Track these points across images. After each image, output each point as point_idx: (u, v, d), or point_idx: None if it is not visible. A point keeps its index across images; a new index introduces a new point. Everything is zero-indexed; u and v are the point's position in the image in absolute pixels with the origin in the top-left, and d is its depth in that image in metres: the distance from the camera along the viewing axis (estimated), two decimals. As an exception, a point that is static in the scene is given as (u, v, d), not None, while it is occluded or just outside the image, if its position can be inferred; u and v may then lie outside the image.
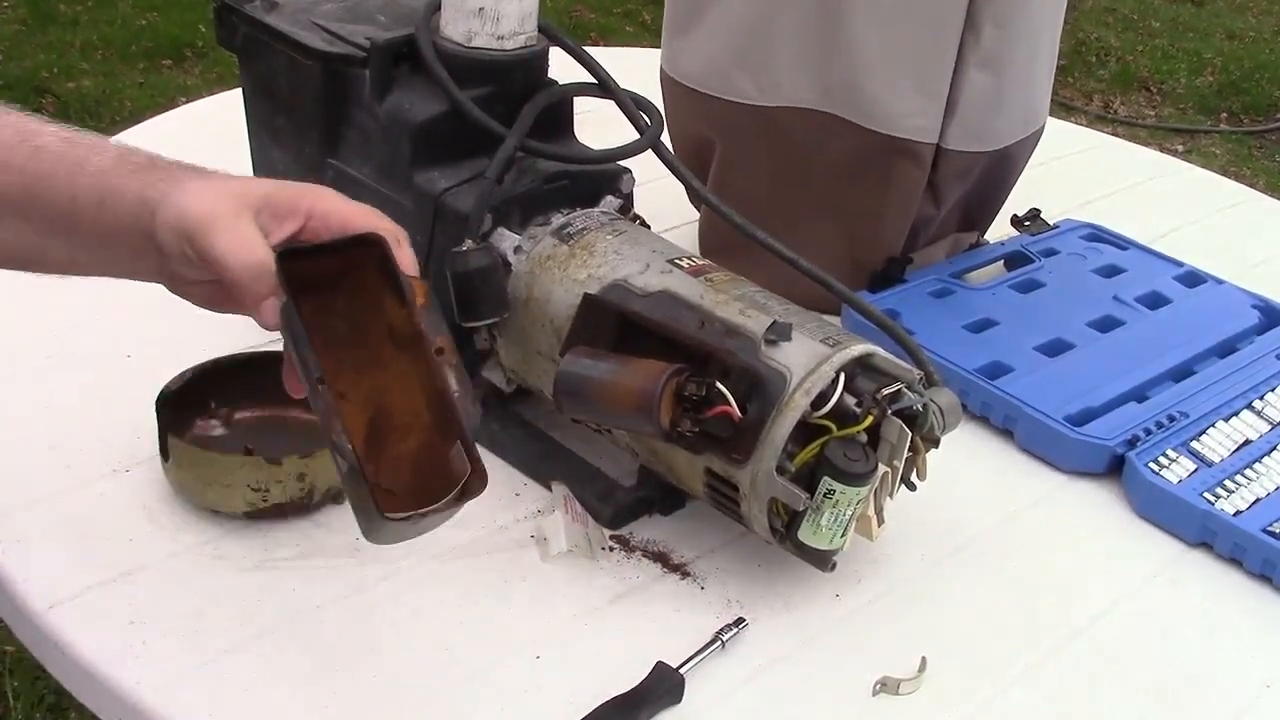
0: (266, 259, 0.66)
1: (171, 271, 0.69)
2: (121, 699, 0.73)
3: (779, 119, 1.12)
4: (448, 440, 0.68)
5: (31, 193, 0.68)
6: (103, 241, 0.69)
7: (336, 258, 0.69)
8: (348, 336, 0.71)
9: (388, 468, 0.69)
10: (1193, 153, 3.78)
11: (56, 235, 0.69)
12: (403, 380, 0.70)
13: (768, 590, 0.85)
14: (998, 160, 1.17)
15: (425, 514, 0.66)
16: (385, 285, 0.69)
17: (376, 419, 0.70)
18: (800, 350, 0.79)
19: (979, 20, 1.08)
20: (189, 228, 0.65)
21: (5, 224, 0.69)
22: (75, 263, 0.72)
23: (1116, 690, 0.81)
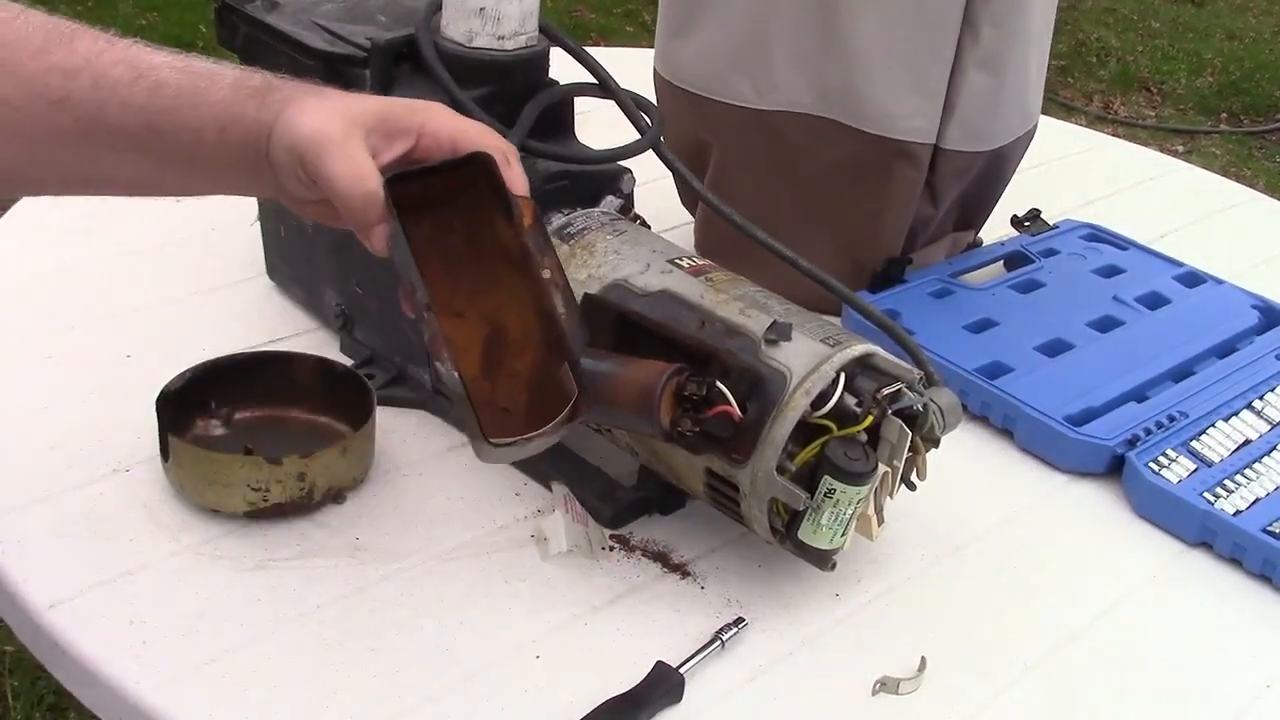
0: (375, 188, 0.66)
1: (287, 191, 0.70)
2: (121, 699, 0.73)
3: (776, 122, 1.12)
4: (556, 355, 0.70)
5: (153, 128, 0.67)
6: (222, 168, 0.69)
7: (451, 176, 0.69)
8: (466, 253, 0.71)
9: (504, 384, 0.70)
10: (1193, 153, 3.78)
11: (176, 165, 0.70)
12: (516, 298, 0.71)
13: (768, 590, 0.85)
14: (994, 159, 1.17)
15: (530, 438, 0.67)
16: (497, 203, 0.70)
17: (493, 336, 0.71)
18: (800, 350, 0.79)
19: (977, 21, 1.08)
20: (301, 150, 0.66)
21: (125, 158, 0.69)
22: (192, 188, 0.73)
23: (1116, 690, 0.81)
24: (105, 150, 0.68)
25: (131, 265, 1.15)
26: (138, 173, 0.70)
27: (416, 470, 0.93)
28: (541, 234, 0.70)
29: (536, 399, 0.70)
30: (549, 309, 0.69)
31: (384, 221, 0.66)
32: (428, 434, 0.96)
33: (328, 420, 0.94)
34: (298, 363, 0.95)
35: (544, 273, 0.69)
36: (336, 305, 1.03)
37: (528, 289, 0.70)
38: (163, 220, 1.22)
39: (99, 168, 0.70)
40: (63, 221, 1.22)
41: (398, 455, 0.94)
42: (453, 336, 0.68)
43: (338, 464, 0.87)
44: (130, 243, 1.18)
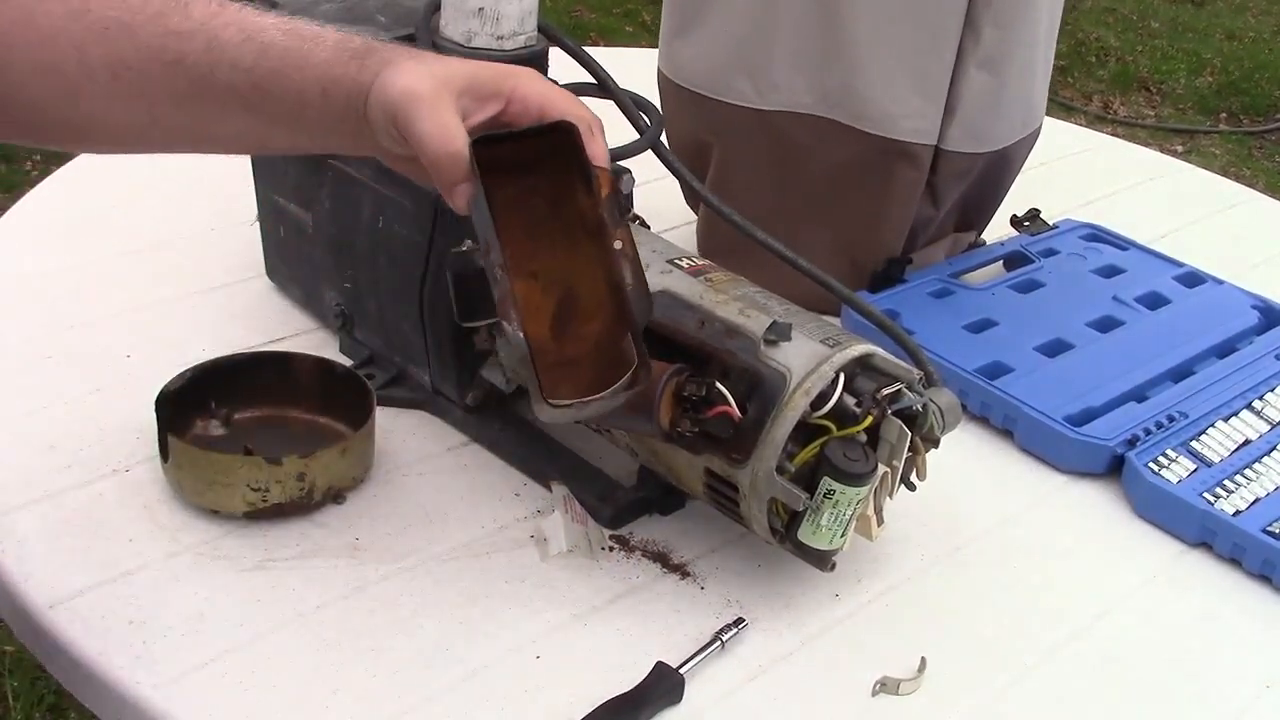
0: (461, 148, 0.68)
1: (385, 148, 0.72)
2: (121, 699, 0.73)
3: (777, 122, 1.12)
4: (622, 330, 0.72)
5: (260, 88, 0.70)
6: (325, 127, 0.72)
7: (539, 142, 0.71)
8: (547, 218, 0.73)
9: (571, 347, 0.73)
10: (1193, 153, 3.78)
11: (282, 124, 0.72)
12: (590, 265, 0.73)
13: (768, 590, 0.85)
14: (996, 161, 1.17)
15: (587, 402, 0.70)
16: (578, 172, 0.71)
17: (565, 300, 0.73)
18: (800, 350, 0.79)
19: (979, 21, 1.08)
20: (393, 109, 0.68)
21: (234, 117, 0.71)
22: (298, 145, 0.75)
23: (1116, 690, 0.81)
24: (215, 109, 0.71)
25: (131, 265, 1.15)
26: (246, 131, 0.72)
27: (416, 470, 0.93)
28: (617, 206, 0.72)
29: (600, 365, 0.72)
30: (617, 280, 0.71)
31: (467, 181, 0.69)
32: (428, 434, 0.96)
33: (328, 420, 0.94)
34: (298, 363, 0.95)
35: (615, 244, 0.71)
36: (336, 305, 1.03)
37: (600, 258, 0.72)
38: (163, 220, 1.22)
39: (209, 126, 0.72)
40: (63, 221, 1.22)
41: (398, 455, 0.94)
42: (525, 297, 0.71)
43: (338, 464, 0.87)
44: (130, 243, 1.18)
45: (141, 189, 1.28)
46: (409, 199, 0.93)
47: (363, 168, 0.96)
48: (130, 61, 0.69)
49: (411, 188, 0.92)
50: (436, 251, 0.91)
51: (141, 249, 1.17)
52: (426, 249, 0.92)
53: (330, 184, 0.99)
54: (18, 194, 1.29)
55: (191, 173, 1.29)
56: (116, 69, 0.69)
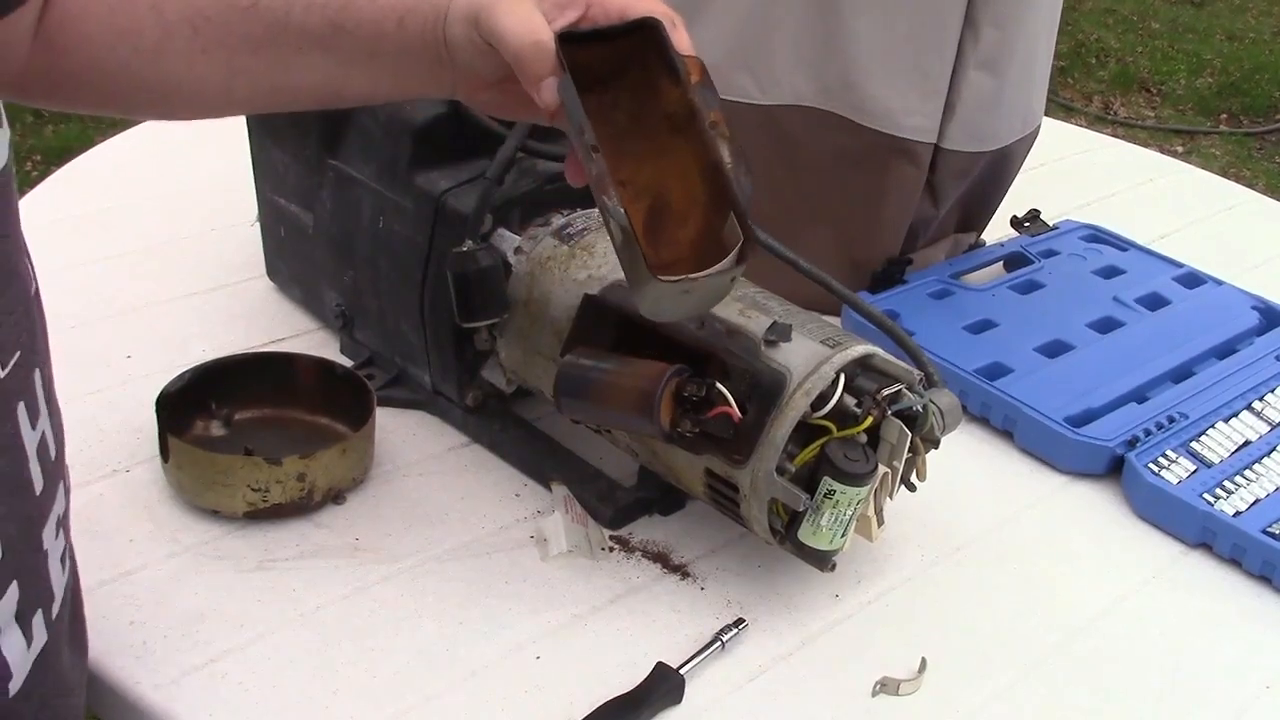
0: (547, 37, 0.67)
1: (464, 77, 0.71)
2: (121, 699, 0.73)
3: (778, 118, 1.12)
4: (721, 214, 0.69)
5: (335, 25, 0.70)
6: (403, 61, 0.71)
7: (616, 47, 0.70)
8: (628, 129, 0.72)
9: (667, 250, 0.70)
10: (1193, 154, 3.78)
11: (359, 64, 0.72)
12: (680, 165, 0.71)
13: (768, 590, 0.85)
14: (996, 160, 1.17)
15: (697, 278, 0.67)
16: (663, 70, 0.70)
17: (655, 206, 0.71)
18: (800, 351, 0.79)
19: (978, 21, 1.08)
20: (476, 12, 0.67)
21: (312, 62, 0.71)
22: (375, 88, 0.74)
23: (1116, 690, 0.81)
24: (293, 53, 0.71)
25: (131, 265, 1.15)
26: (324, 75, 0.72)
27: (416, 470, 0.93)
28: (709, 89, 0.70)
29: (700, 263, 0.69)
30: (715, 159, 0.69)
31: (554, 73, 0.68)
32: (428, 434, 0.96)
33: (328, 420, 0.94)
34: (298, 363, 0.96)
35: (711, 126, 0.69)
36: (336, 305, 1.03)
37: (693, 152, 0.70)
38: (163, 220, 1.22)
39: (288, 73, 0.72)
40: (62, 221, 1.22)
41: (398, 455, 0.94)
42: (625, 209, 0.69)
43: (338, 464, 0.87)
44: (130, 243, 1.18)
45: (141, 189, 1.28)
46: (409, 200, 0.93)
47: (364, 167, 0.96)
48: (207, 13, 0.69)
49: (412, 188, 0.92)
50: (436, 251, 0.91)
51: (141, 249, 1.17)
52: (426, 249, 0.92)
53: (330, 184, 0.99)
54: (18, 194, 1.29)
55: (191, 173, 1.29)
56: (195, 22, 0.69)
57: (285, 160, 1.04)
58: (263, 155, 1.07)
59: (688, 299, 0.69)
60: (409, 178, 0.92)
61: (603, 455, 0.93)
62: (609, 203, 0.67)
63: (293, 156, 1.03)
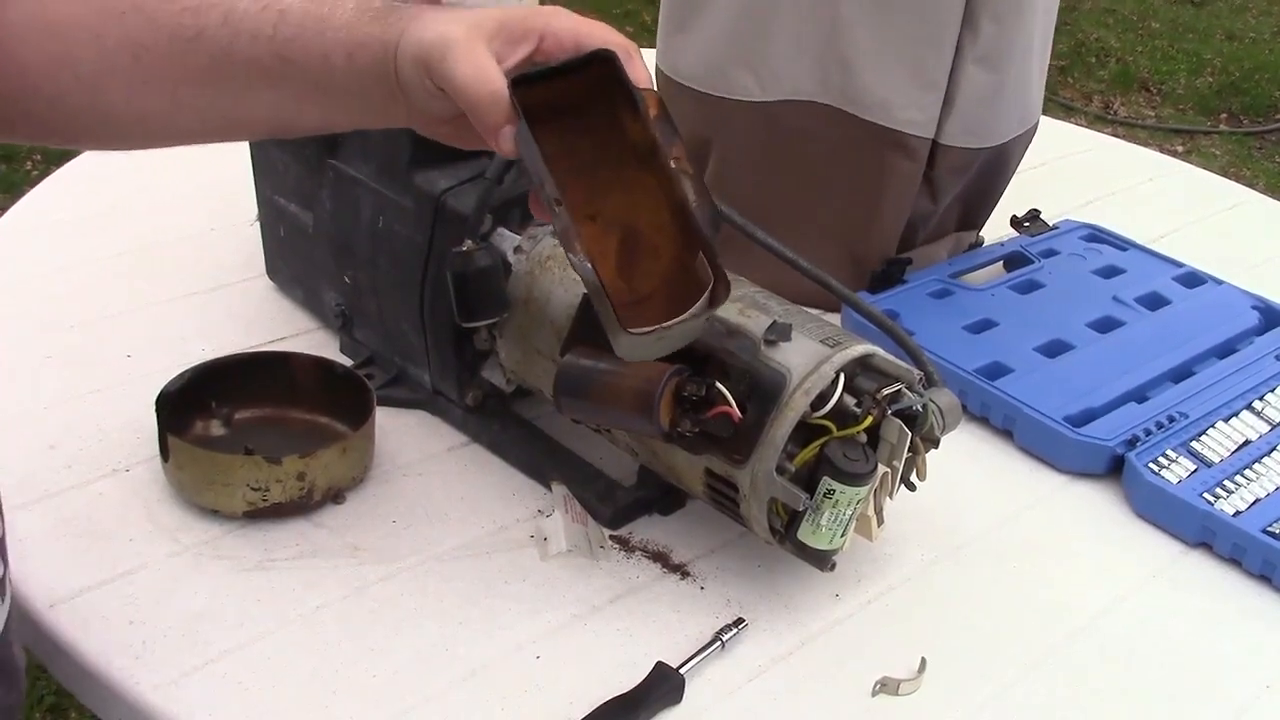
0: (501, 87, 0.66)
1: (418, 112, 0.70)
2: (121, 699, 0.73)
3: (777, 113, 1.12)
4: (691, 249, 0.69)
5: (282, 58, 0.68)
6: (354, 95, 0.70)
7: (578, 79, 0.69)
8: (595, 159, 0.71)
9: (640, 284, 0.70)
10: (1193, 153, 3.78)
11: (309, 97, 0.70)
12: (649, 197, 0.70)
13: (768, 590, 0.85)
14: (994, 157, 1.17)
15: (670, 326, 0.67)
16: (624, 101, 0.69)
17: (627, 239, 0.71)
18: (800, 350, 0.79)
19: (977, 16, 1.08)
20: (426, 57, 0.66)
21: (260, 95, 0.70)
22: (327, 120, 0.73)
23: (1116, 690, 0.81)
24: (240, 86, 0.69)
25: (131, 265, 1.15)
26: (273, 109, 0.71)
27: (416, 470, 0.93)
28: (669, 125, 0.69)
29: (674, 297, 0.69)
30: (680, 198, 0.68)
31: (510, 122, 0.67)
32: (428, 434, 0.96)
33: (328, 420, 0.94)
34: (298, 363, 0.96)
35: (671, 162, 0.68)
36: (336, 305, 1.03)
37: (659, 184, 0.69)
38: (163, 220, 1.22)
39: (236, 106, 0.71)
40: (62, 221, 1.22)
41: (397, 455, 0.94)
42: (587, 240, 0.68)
43: (337, 464, 0.87)
44: (130, 243, 1.18)
45: (141, 189, 1.28)
46: (409, 200, 0.93)
47: (363, 167, 0.96)
48: (148, 43, 0.68)
49: (412, 188, 0.92)
50: (436, 251, 0.91)
51: (141, 249, 1.17)
52: (426, 249, 0.92)
53: (330, 184, 0.99)
54: (18, 194, 1.29)
55: (191, 173, 1.29)
56: (136, 52, 0.68)
57: (285, 160, 1.04)
58: (263, 155, 1.07)
59: (662, 343, 0.69)
60: (409, 177, 0.92)
61: (603, 455, 0.93)
62: (574, 259, 0.66)
63: (293, 156, 1.03)
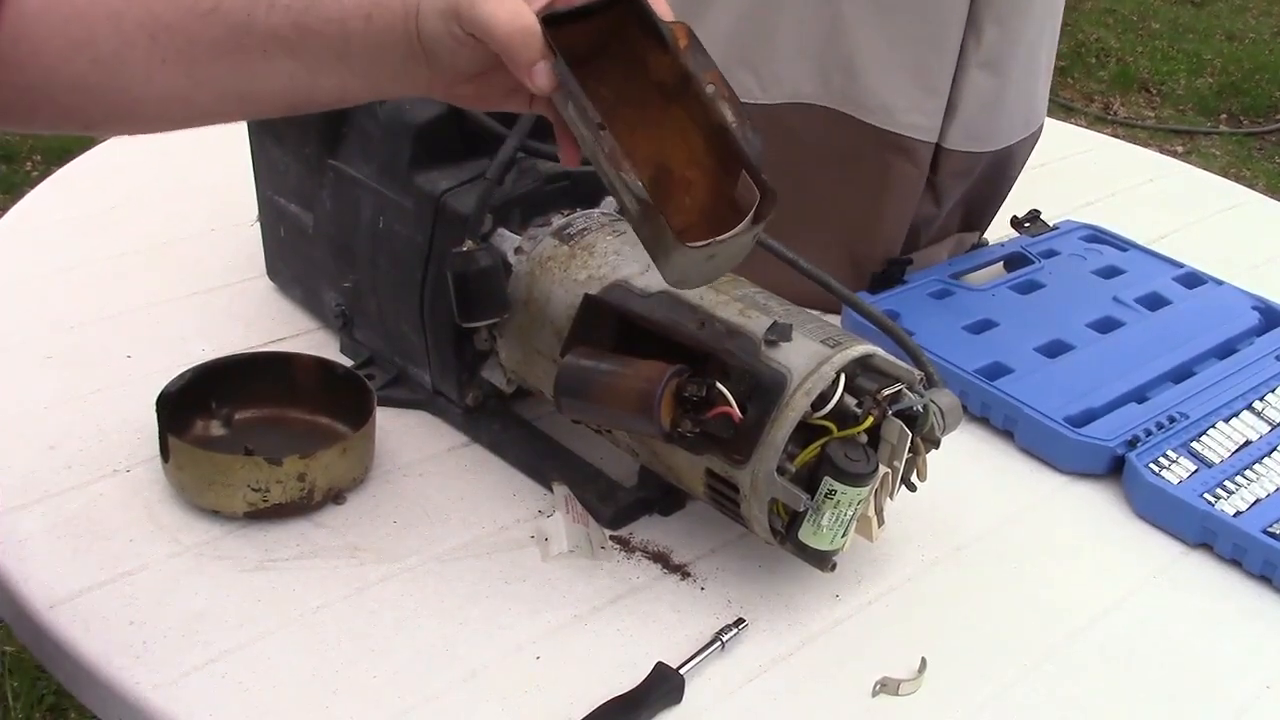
0: (533, 22, 0.66)
1: (441, 71, 0.69)
2: (121, 699, 0.73)
3: (780, 116, 1.12)
4: (732, 175, 0.68)
5: (300, 25, 0.68)
6: (373, 59, 0.69)
7: (598, 23, 0.68)
8: (619, 102, 0.70)
9: (677, 219, 0.68)
10: (1193, 154, 3.79)
11: (327, 65, 0.69)
12: (679, 131, 0.70)
13: (768, 590, 0.85)
14: (998, 160, 1.17)
15: (723, 240, 0.66)
16: (648, 40, 0.69)
17: (659, 178, 0.70)
18: (800, 351, 0.79)
19: (981, 21, 1.08)
20: (456, 3, 0.66)
21: (277, 66, 0.69)
22: (345, 90, 0.72)
23: (1116, 691, 0.81)
24: (258, 58, 0.69)
25: (131, 265, 1.15)
26: (290, 80, 0.70)
27: (416, 470, 0.93)
28: (700, 53, 0.68)
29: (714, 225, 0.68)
30: (718, 122, 0.68)
31: (545, 58, 0.66)
32: (428, 434, 0.96)
33: (328, 420, 0.94)
34: (298, 363, 0.96)
35: (708, 88, 0.68)
36: (336, 305, 1.03)
37: (691, 115, 0.69)
38: (163, 220, 1.22)
39: (253, 79, 0.70)
40: (63, 221, 1.22)
41: (398, 455, 0.94)
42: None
43: (338, 464, 0.87)
44: (130, 243, 1.18)
45: (141, 189, 1.28)
46: (410, 200, 0.93)
47: (364, 167, 0.96)
48: (167, 20, 0.67)
49: (412, 188, 0.92)
50: (436, 251, 0.91)
51: (141, 249, 1.17)
52: (426, 249, 0.92)
53: (331, 184, 0.99)
54: (18, 194, 1.29)
55: (191, 173, 1.29)
56: (154, 30, 0.67)
57: (285, 160, 1.04)
58: (263, 155, 1.07)
59: (712, 264, 0.68)
60: (409, 178, 0.92)
61: (603, 455, 0.93)
62: (626, 177, 0.65)
63: (293, 156, 1.03)
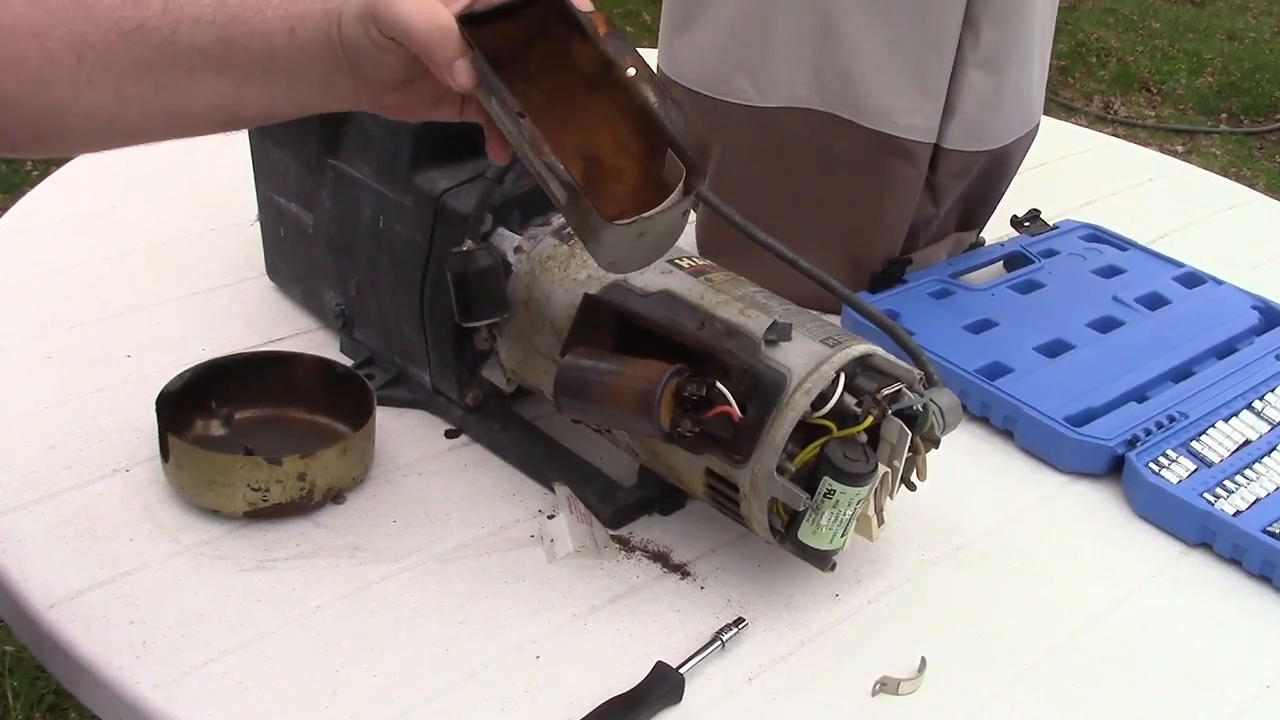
0: (449, 21, 0.66)
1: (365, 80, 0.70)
2: (121, 699, 0.73)
3: (777, 119, 1.12)
4: (657, 157, 0.68)
5: (225, 41, 0.68)
6: (299, 73, 0.70)
7: (520, 23, 0.69)
8: (547, 99, 0.71)
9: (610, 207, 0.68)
10: (1193, 153, 3.78)
11: (253, 81, 0.70)
12: (605, 120, 0.70)
13: (768, 590, 0.85)
14: (996, 159, 1.17)
15: (650, 216, 0.66)
16: (568, 32, 0.69)
17: (590, 168, 0.70)
18: (800, 350, 0.79)
19: (978, 20, 1.08)
20: (372, 6, 0.66)
21: (202, 83, 0.69)
22: (273, 107, 0.72)
23: (1116, 690, 0.81)
24: (184, 75, 0.69)
25: (131, 265, 1.15)
26: (217, 96, 0.70)
27: (416, 470, 0.93)
28: (619, 38, 0.69)
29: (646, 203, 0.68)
30: (640, 103, 0.68)
31: (463, 55, 0.67)
32: (428, 434, 0.96)
33: (328, 420, 0.94)
34: (298, 363, 0.96)
35: (629, 71, 0.68)
36: (336, 305, 1.03)
37: (615, 101, 0.69)
38: (163, 220, 1.22)
39: (179, 97, 0.70)
40: (62, 221, 1.22)
41: (398, 455, 0.94)
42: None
43: (338, 464, 0.87)
44: (130, 243, 1.18)
45: (141, 189, 1.28)
46: (410, 199, 0.93)
47: (364, 167, 0.96)
48: (91, 39, 0.67)
49: (412, 188, 0.92)
50: (436, 251, 0.91)
51: (141, 249, 1.17)
52: (426, 249, 0.92)
53: (330, 184, 0.99)
54: (18, 194, 1.29)
55: (191, 173, 1.29)
56: (79, 49, 0.67)
57: (285, 160, 1.04)
58: (263, 155, 1.07)
59: (644, 242, 0.68)
60: (409, 177, 0.92)
61: (603, 455, 0.93)
62: (548, 160, 0.66)
63: (293, 156, 1.03)
